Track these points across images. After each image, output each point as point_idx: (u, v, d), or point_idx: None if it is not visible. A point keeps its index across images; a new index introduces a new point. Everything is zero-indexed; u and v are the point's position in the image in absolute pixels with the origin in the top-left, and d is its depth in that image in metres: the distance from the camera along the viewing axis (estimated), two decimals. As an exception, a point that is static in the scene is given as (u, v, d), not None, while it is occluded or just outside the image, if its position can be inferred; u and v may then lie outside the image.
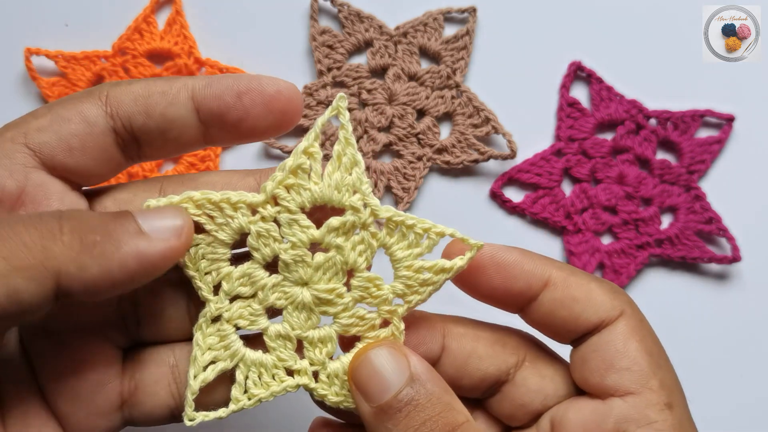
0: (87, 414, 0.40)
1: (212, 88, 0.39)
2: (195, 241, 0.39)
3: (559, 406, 0.41)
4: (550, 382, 0.42)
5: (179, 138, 0.39)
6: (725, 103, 0.68)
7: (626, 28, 0.69)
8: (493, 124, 0.66)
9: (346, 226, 0.39)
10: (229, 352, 0.40)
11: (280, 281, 0.40)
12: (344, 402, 0.40)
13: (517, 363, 0.42)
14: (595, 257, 0.66)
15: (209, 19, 0.68)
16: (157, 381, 0.41)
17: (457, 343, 0.41)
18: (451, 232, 0.39)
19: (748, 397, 0.65)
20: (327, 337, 0.40)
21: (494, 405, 0.43)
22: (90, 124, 0.38)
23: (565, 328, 0.40)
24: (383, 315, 0.40)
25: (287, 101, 0.39)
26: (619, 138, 0.67)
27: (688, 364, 0.65)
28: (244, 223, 0.39)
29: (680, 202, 0.67)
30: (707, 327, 0.66)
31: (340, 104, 0.39)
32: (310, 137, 0.39)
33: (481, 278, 0.40)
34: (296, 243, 0.39)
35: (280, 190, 0.39)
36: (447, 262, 0.39)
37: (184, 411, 0.39)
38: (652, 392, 0.38)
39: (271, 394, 0.40)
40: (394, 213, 0.39)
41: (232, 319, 0.40)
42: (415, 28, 0.67)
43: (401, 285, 0.40)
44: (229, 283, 0.40)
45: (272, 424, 0.63)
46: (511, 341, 0.42)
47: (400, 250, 0.40)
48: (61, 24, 0.67)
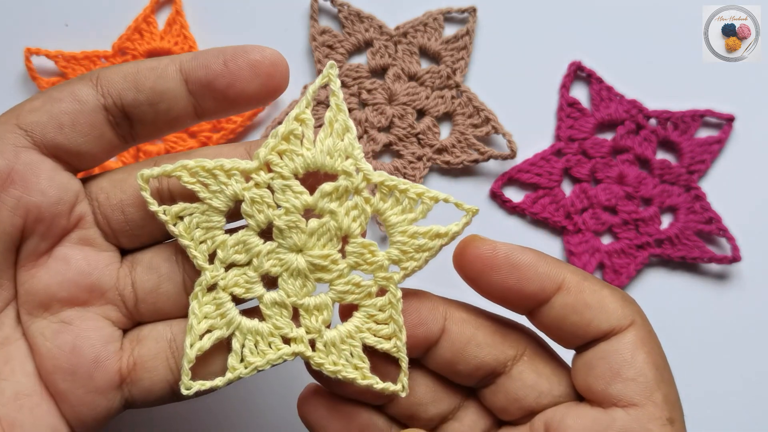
0: (85, 392, 0.40)
1: (199, 59, 0.39)
2: (189, 210, 0.40)
3: (555, 410, 0.41)
4: (546, 380, 0.42)
5: (170, 111, 0.40)
6: (725, 103, 0.68)
7: (626, 28, 0.69)
8: (493, 124, 0.66)
9: (339, 191, 0.39)
10: (225, 320, 0.40)
11: (274, 248, 0.40)
12: (342, 372, 0.40)
13: (516, 356, 0.42)
14: (595, 257, 0.66)
15: (209, 19, 0.68)
16: (156, 356, 0.41)
17: (458, 327, 0.41)
18: (445, 197, 0.40)
19: (748, 397, 0.65)
20: (323, 304, 0.40)
21: (488, 396, 0.43)
22: (81, 102, 0.39)
23: (574, 333, 0.40)
24: (379, 282, 0.40)
25: (272, 65, 0.39)
26: (619, 138, 0.67)
27: (688, 363, 0.66)
28: (238, 189, 0.39)
29: (680, 202, 0.67)
30: (707, 327, 0.66)
31: (331, 72, 0.39)
32: (302, 104, 0.39)
33: (494, 278, 0.40)
34: (290, 209, 0.39)
35: (273, 156, 0.39)
36: (442, 227, 0.40)
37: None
38: (656, 406, 0.38)
39: (267, 362, 0.40)
40: (386, 177, 0.39)
41: (227, 287, 0.40)
42: (415, 28, 0.67)
43: (396, 251, 0.40)
44: (224, 250, 0.40)
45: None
46: (512, 334, 0.42)
47: (394, 216, 0.40)
48: (61, 24, 0.67)
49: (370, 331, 0.41)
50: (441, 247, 0.40)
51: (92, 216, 0.41)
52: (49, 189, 0.39)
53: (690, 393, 0.41)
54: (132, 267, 0.42)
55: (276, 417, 0.62)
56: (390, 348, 0.41)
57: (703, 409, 0.65)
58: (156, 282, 0.42)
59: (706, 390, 0.65)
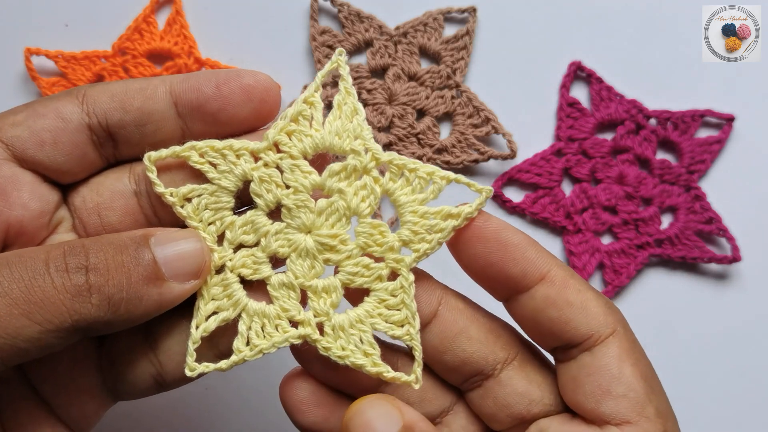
0: (72, 395, 0.40)
1: (190, 81, 0.39)
2: (198, 192, 0.39)
3: (550, 422, 0.40)
4: (537, 388, 0.41)
5: (156, 132, 0.39)
6: (725, 103, 0.67)
7: (626, 28, 0.69)
8: (493, 124, 0.66)
9: (348, 170, 0.39)
10: (232, 302, 0.39)
11: (283, 228, 0.40)
12: (350, 357, 0.39)
13: (506, 359, 0.41)
14: (595, 257, 0.66)
15: (209, 19, 0.68)
16: (132, 349, 0.40)
17: (452, 315, 0.41)
18: (456, 177, 0.40)
19: (747, 397, 0.65)
20: (331, 286, 0.40)
21: (476, 400, 0.42)
22: (64, 120, 0.38)
23: (551, 330, 0.39)
24: (391, 265, 0.40)
25: (265, 90, 0.39)
26: (619, 138, 0.67)
27: (688, 363, 0.66)
28: (247, 169, 0.39)
29: (680, 202, 0.67)
30: (707, 327, 0.66)
31: (340, 58, 0.40)
32: (311, 88, 0.40)
33: (479, 250, 0.39)
34: (298, 188, 0.39)
35: (282, 137, 0.39)
36: (453, 207, 0.39)
37: (186, 364, 0.39)
38: (649, 421, 0.37)
39: (273, 345, 0.39)
40: (395, 156, 0.39)
41: (235, 268, 0.40)
42: (415, 28, 0.67)
43: (407, 231, 0.39)
44: (233, 231, 0.40)
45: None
46: (505, 336, 0.42)
47: (403, 195, 0.40)
48: (61, 24, 0.67)
49: (381, 317, 0.40)
50: (453, 228, 0.39)
51: (70, 221, 0.40)
52: (30, 202, 0.38)
53: (689, 392, 0.40)
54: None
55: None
56: (402, 335, 0.40)
57: (702, 408, 0.65)
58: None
59: (705, 390, 0.65)
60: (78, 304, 0.34)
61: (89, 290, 0.34)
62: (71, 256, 0.34)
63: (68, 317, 0.34)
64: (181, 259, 0.37)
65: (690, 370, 0.66)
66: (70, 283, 0.34)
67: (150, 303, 0.36)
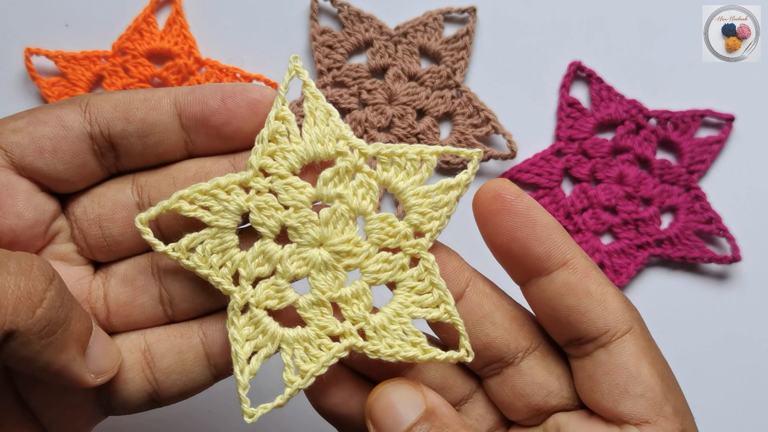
0: (63, 409, 0.39)
1: (195, 94, 0.39)
2: (199, 239, 0.39)
3: (568, 418, 0.40)
4: (557, 380, 0.40)
5: (159, 144, 0.39)
6: (725, 103, 0.68)
7: (626, 28, 0.69)
8: (493, 124, 0.66)
9: (340, 173, 0.39)
10: (268, 336, 0.39)
11: (294, 249, 0.39)
12: (400, 353, 0.39)
13: (528, 349, 0.40)
14: (595, 257, 0.66)
15: (209, 19, 0.68)
16: (130, 368, 0.40)
17: (478, 298, 0.40)
18: (444, 150, 0.40)
19: (748, 397, 0.65)
20: (360, 290, 0.39)
21: (494, 387, 0.41)
22: (66, 128, 0.38)
23: (567, 318, 0.38)
24: (409, 252, 0.40)
25: (270, 106, 0.38)
26: (619, 138, 0.67)
27: (688, 363, 0.66)
28: (242, 202, 0.39)
29: (680, 202, 0.67)
30: (707, 327, 0.66)
31: (296, 64, 0.39)
32: (278, 103, 0.39)
33: (507, 223, 0.38)
34: (297, 205, 0.39)
35: (266, 159, 0.39)
36: (451, 179, 0.39)
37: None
38: (667, 420, 0.37)
39: (322, 365, 0.39)
40: (381, 146, 0.39)
41: (260, 303, 0.39)
42: (415, 28, 0.68)
43: (415, 215, 0.40)
44: (246, 267, 0.39)
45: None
46: (529, 325, 0.41)
47: (401, 182, 0.40)
48: (61, 24, 0.67)
49: (416, 304, 0.40)
50: (458, 198, 0.40)
51: (69, 231, 0.40)
52: (25, 211, 0.38)
53: (689, 392, 0.40)
54: (106, 279, 0.41)
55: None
56: (441, 315, 0.39)
57: (702, 408, 0.65)
58: (131, 295, 0.40)
59: (705, 390, 0.65)
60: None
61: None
62: None
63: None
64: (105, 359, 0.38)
65: (690, 370, 0.65)
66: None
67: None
